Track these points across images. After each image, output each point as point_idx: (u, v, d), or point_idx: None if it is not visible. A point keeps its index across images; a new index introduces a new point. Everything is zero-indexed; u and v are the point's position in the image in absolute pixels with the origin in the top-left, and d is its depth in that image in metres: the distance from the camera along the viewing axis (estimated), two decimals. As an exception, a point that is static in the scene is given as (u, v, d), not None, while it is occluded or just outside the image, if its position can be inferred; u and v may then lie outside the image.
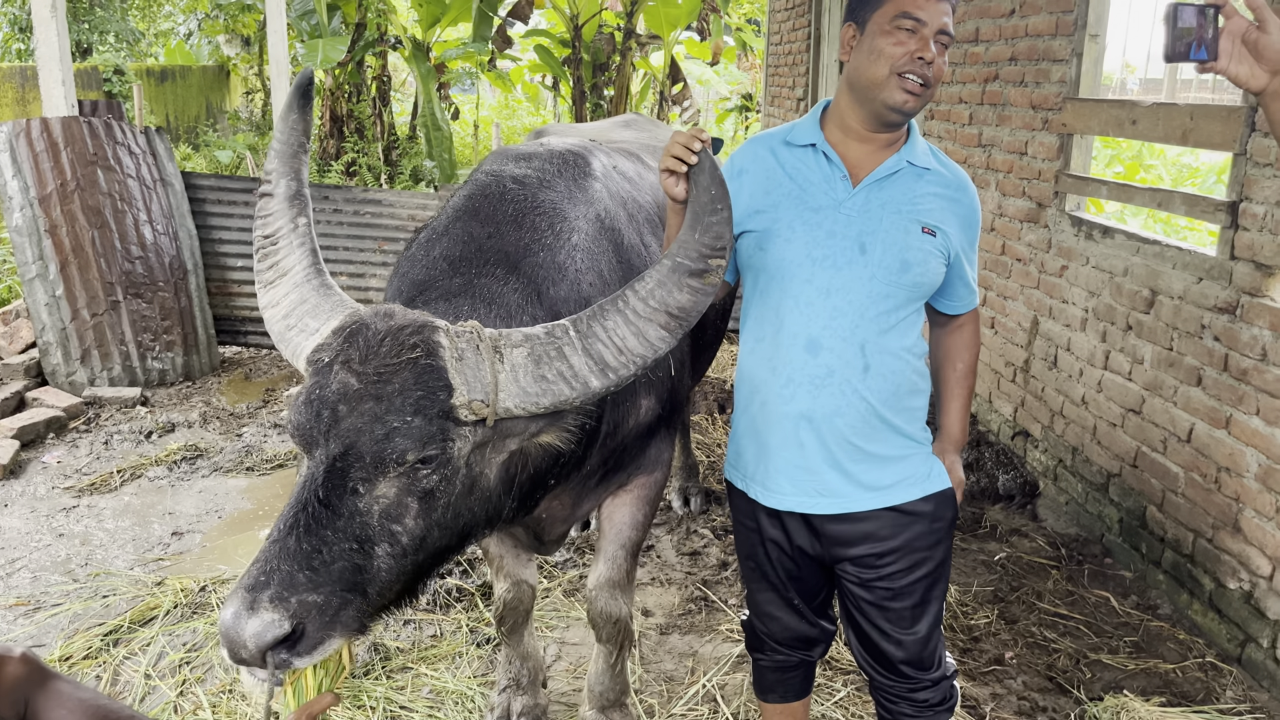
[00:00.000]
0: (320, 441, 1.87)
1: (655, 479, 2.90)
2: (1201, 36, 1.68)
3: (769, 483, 2.32)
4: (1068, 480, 4.79)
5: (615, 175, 2.98)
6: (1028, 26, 5.12)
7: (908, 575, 2.31)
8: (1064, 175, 4.79)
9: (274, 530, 1.82)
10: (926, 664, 2.38)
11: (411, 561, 1.94)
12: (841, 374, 2.20)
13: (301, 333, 2.05)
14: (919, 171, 2.23)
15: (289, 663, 1.76)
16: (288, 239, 2.19)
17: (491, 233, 2.50)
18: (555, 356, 1.96)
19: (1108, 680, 3.53)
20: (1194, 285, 3.82)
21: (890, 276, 2.18)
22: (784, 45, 10.58)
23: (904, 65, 2.08)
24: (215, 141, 15.36)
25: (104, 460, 5.31)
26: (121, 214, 6.33)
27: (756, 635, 2.59)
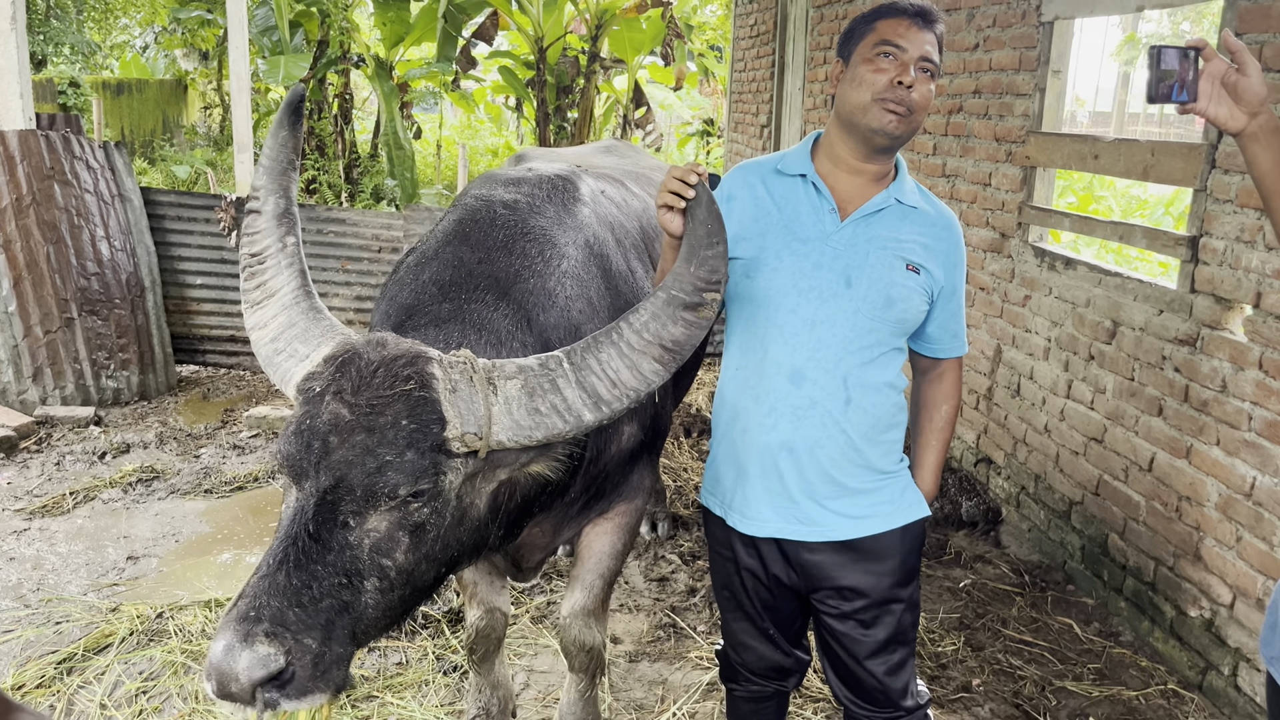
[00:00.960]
0: (310, 473, 1.83)
1: (636, 506, 2.89)
2: (1183, 78, 1.72)
3: (747, 510, 2.32)
4: (1030, 507, 4.85)
5: (603, 200, 2.98)
6: (991, 61, 5.22)
7: (883, 605, 2.32)
8: (1027, 207, 4.87)
9: (263, 564, 1.78)
10: (901, 693, 2.39)
11: (400, 595, 1.91)
12: (824, 405, 2.21)
13: (290, 358, 2.02)
14: (906, 210, 2.25)
15: (277, 702, 1.71)
16: (275, 258, 2.16)
17: (482, 258, 2.49)
18: (549, 389, 1.94)
19: (1073, 708, 3.56)
20: (1155, 317, 3.90)
21: (874, 311, 2.20)
22: (748, 72, 10.68)
23: (884, 91, 2.12)
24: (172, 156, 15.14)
25: (56, 481, 5.17)
26: (78, 229, 6.21)
27: (731, 665, 2.58)
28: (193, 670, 3.55)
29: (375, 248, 7.15)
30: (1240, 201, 3.46)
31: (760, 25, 10.10)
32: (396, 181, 14.22)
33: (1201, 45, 1.74)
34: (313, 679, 1.73)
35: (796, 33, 9.15)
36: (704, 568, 4.50)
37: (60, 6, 16.55)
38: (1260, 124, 1.75)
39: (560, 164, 3.15)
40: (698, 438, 6.12)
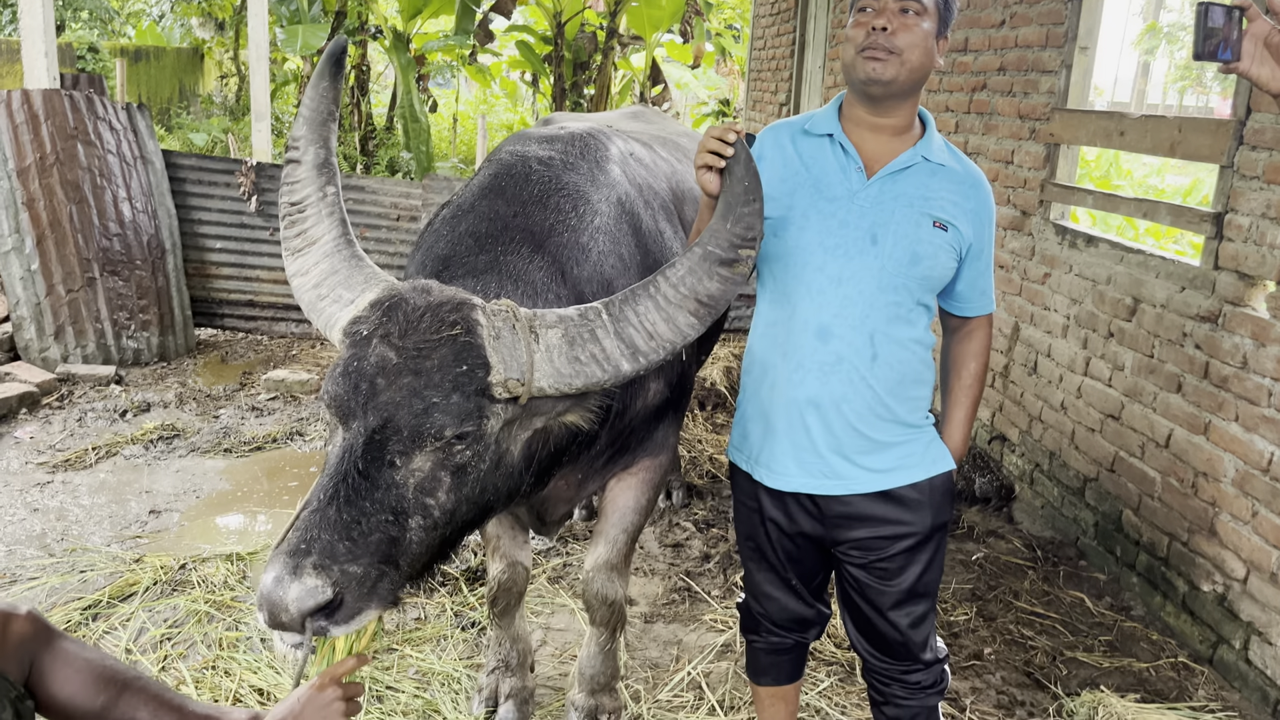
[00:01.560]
0: (358, 414, 1.88)
1: (660, 463, 2.93)
2: (1228, 37, 1.74)
3: (774, 465, 2.35)
4: (1044, 484, 4.87)
5: (632, 161, 3.01)
6: (1018, 38, 5.21)
7: (906, 557, 2.36)
8: (1050, 184, 4.87)
9: (312, 499, 1.83)
10: (921, 646, 2.43)
11: (440, 534, 1.96)
12: (850, 361, 2.24)
13: (335, 303, 2.06)
14: (934, 167, 2.27)
15: (326, 630, 1.77)
16: (316, 207, 2.20)
17: (517, 211, 2.52)
18: (588, 339, 1.99)
19: (1083, 677, 3.59)
20: (1177, 294, 3.91)
21: (900, 268, 2.22)
22: (767, 50, 10.65)
23: (862, 41, 2.15)
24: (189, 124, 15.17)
25: (78, 437, 5.22)
26: (100, 190, 6.24)
27: (752, 616, 2.62)
28: (216, 619, 3.61)
29: (394, 216, 7.17)
30: (1268, 178, 3.46)
31: (782, 3, 10.06)
32: (412, 155, 14.23)
33: (1246, 5, 1.75)
34: (359, 602, 1.78)
35: (818, 10, 9.12)
36: (718, 535, 4.54)
37: (79, -28, 16.57)
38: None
39: (594, 125, 3.18)
40: (712, 411, 6.15)
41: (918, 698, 2.47)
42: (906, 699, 2.48)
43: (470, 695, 3.23)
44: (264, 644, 3.48)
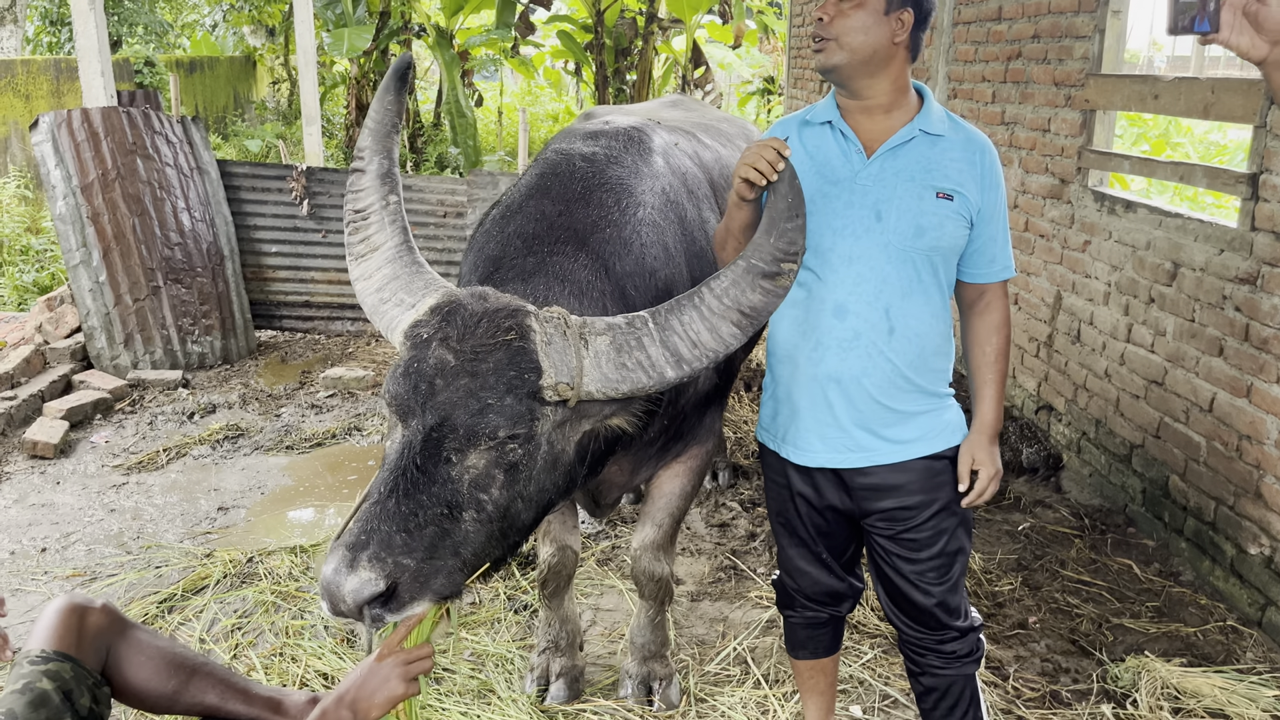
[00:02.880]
0: (417, 412, 2.01)
1: (706, 450, 3.05)
2: (1204, 8, 1.76)
3: (799, 441, 2.44)
4: (1091, 452, 4.86)
5: (676, 152, 3.11)
6: (1050, 4, 5.16)
7: (934, 525, 2.42)
8: (1087, 151, 4.84)
9: (372, 492, 1.96)
10: (953, 613, 2.48)
11: (498, 529, 2.08)
12: (868, 337, 2.32)
13: (397, 306, 2.19)
14: (933, 139, 2.33)
15: (382, 618, 1.90)
16: (379, 215, 2.33)
17: (562, 210, 2.64)
18: (635, 346, 2.10)
19: (1129, 643, 3.61)
20: (1215, 257, 3.88)
21: (905, 241, 2.29)
22: (807, 27, 10.59)
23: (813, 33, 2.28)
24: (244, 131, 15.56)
25: (149, 440, 5.48)
26: (160, 201, 6.50)
27: (787, 592, 2.70)
28: (282, 609, 3.79)
29: (440, 213, 7.33)
30: (1301, 136, 3.42)
31: (818, -22, 10.01)
32: (460, 149, 14.43)
33: None
34: (414, 592, 1.92)
35: (854, -16, 9.06)
36: (764, 514, 4.62)
37: (133, -12, 17.03)
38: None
39: (634, 118, 3.27)
40: (758, 392, 6.22)
41: (954, 666, 2.53)
42: (943, 668, 2.53)
43: (523, 675, 3.36)
44: (327, 630, 3.66)
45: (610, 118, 3.26)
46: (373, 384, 6.38)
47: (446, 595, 1.99)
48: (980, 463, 2.41)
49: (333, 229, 7.29)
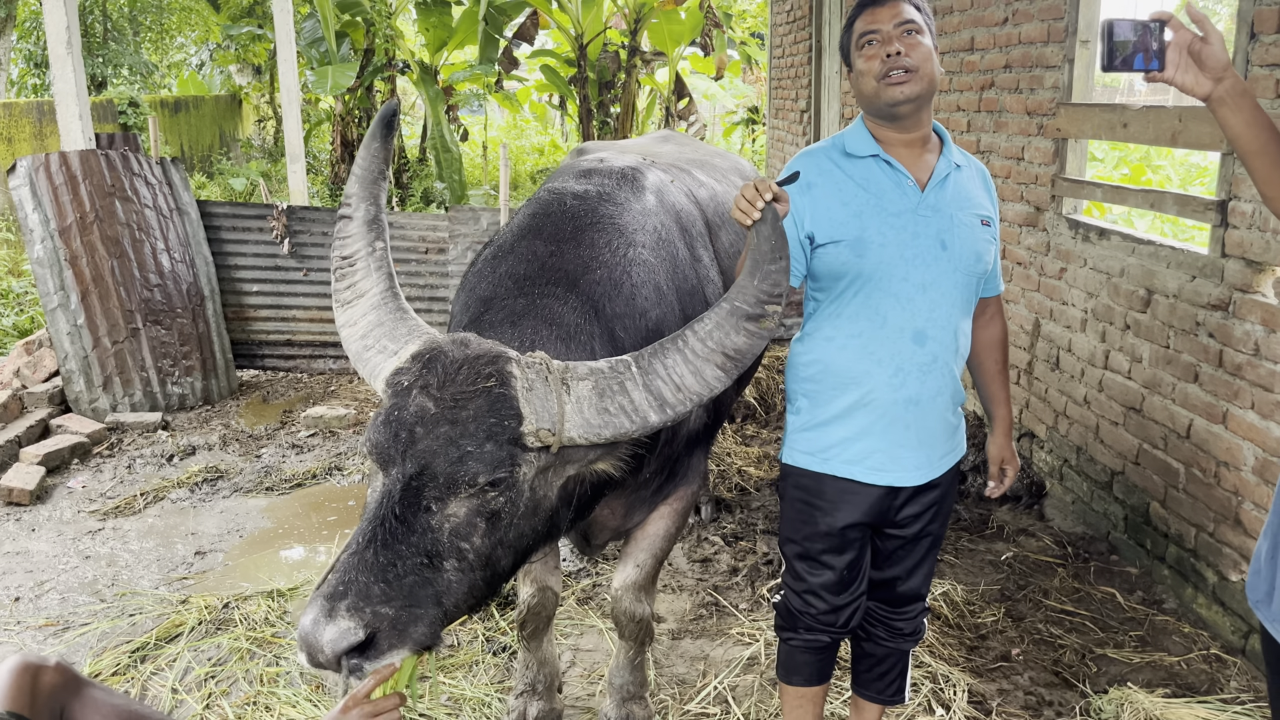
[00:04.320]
0: (397, 460, 1.99)
1: (692, 491, 3.03)
2: (1145, 48, 1.80)
3: (869, 461, 2.51)
4: (1073, 479, 4.85)
5: (670, 189, 3.11)
6: (1020, 34, 5.21)
7: (939, 518, 2.64)
8: (1060, 179, 4.86)
9: (352, 542, 1.94)
10: (923, 594, 2.76)
11: (479, 577, 2.05)
12: (943, 359, 2.46)
13: (380, 354, 2.18)
14: (959, 172, 2.49)
15: (361, 668, 1.87)
16: (365, 262, 2.33)
17: (553, 250, 2.63)
18: (617, 390, 2.08)
19: (1113, 674, 3.58)
20: (1188, 283, 3.89)
21: (969, 267, 2.45)
22: (786, 58, 10.69)
23: (880, 70, 2.32)
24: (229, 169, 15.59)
25: (127, 484, 5.43)
26: (139, 243, 6.48)
27: (792, 614, 2.72)
28: (258, 655, 3.74)
29: (422, 249, 7.34)
30: (1266, 163, 3.44)
31: (797, 10, 10.10)
32: (445, 184, 14.48)
33: (1167, 18, 1.81)
34: (393, 642, 1.88)
35: (832, 16, 9.15)
36: (746, 548, 4.59)
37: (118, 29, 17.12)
38: (1226, 89, 1.82)
39: (629, 156, 3.27)
40: (742, 423, 6.21)
41: (896, 641, 2.79)
42: (886, 640, 2.79)
43: (500, 717, 3.31)
44: (303, 678, 3.60)
45: (604, 155, 3.25)
46: (354, 422, 6.34)
47: (426, 645, 1.95)
48: (1008, 460, 2.79)
49: (314, 267, 7.28)
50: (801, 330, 2.62)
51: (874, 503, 2.55)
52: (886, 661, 2.84)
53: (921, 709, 3.38)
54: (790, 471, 2.65)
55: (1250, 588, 1.96)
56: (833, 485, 2.56)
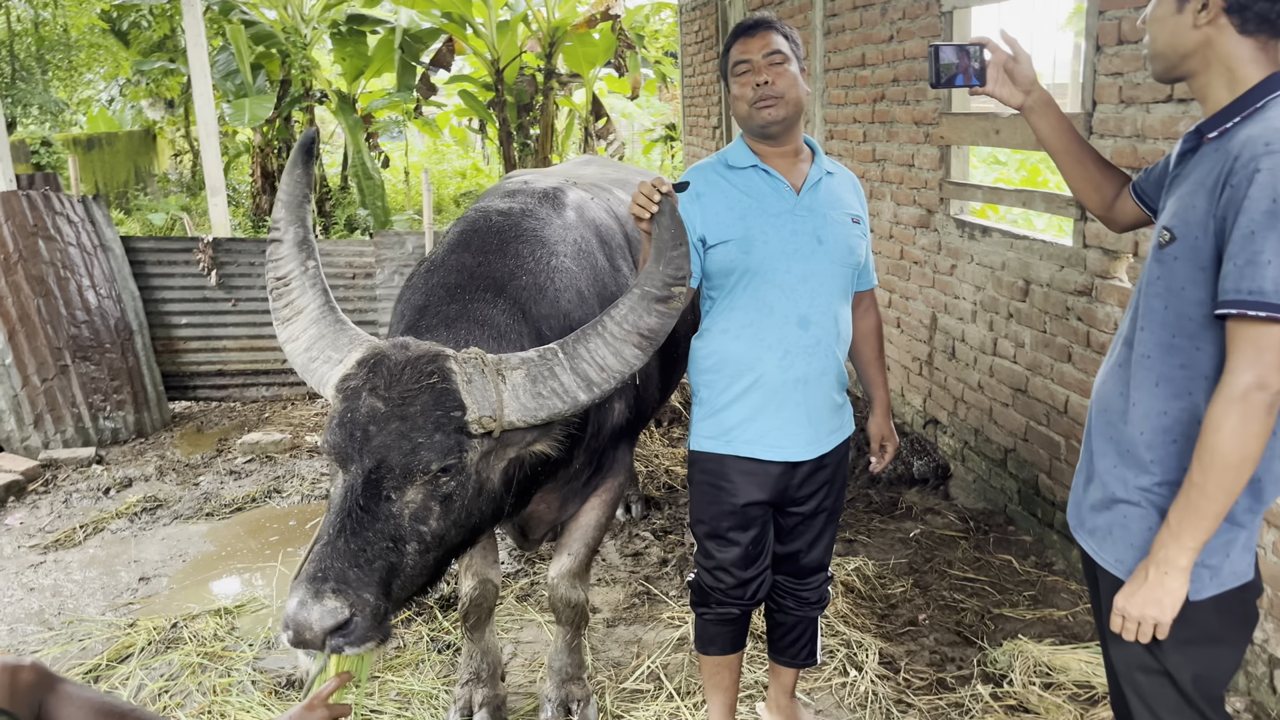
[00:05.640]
0: (355, 457, 2.22)
1: (619, 483, 3.29)
2: (966, 68, 2.17)
3: (765, 439, 2.77)
4: (973, 460, 5.23)
5: (590, 205, 3.39)
6: (905, 50, 5.61)
7: (834, 494, 2.92)
8: (946, 183, 5.26)
9: (322, 534, 2.16)
10: (825, 564, 3.01)
11: (434, 557, 2.30)
12: (825, 342, 2.75)
13: (326, 363, 2.40)
14: (831, 178, 2.81)
15: (342, 648, 2.08)
16: (300, 280, 2.54)
17: (481, 262, 2.88)
18: (548, 375, 2.34)
19: (1009, 630, 3.93)
20: (1058, 273, 4.29)
21: (843, 259, 2.76)
22: (696, 77, 11.07)
23: (752, 96, 2.63)
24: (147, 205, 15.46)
25: (65, 518, 5.50)
26: (65, 281, 6.54)
27: (705, 591, 2.98)
28: (209, 669, 3.89)
29: (350, 274, 7.49)
30: (1115, 162, 3.84)
31: (704, 30, 10.49)
32: (369, 211, 14.56)
33: (986, 42, 2.19)
34: (370, 628, 2.11)
35: (737, 35, 9.53)
36: (675, 541, 4.86)
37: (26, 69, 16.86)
38: (1034, 99, 2.24)
39: (553, 178, 3.55)
40: (668, 426, 6.49)
41: (803, 609, 3.07)
42: (795, 609, 3.07)
43: (446, 707, 3.53)
44: (255, 685, 3.77)
45: (528, 178, 3.52)
46: (290, 446, 6.47)
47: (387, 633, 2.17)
48: (888, 437, 3.11)
49: (243, 297, 7.39)
50: (700, 328, 2.91)
51: (773, 480, 2.81)
52: (797, 629, 3.13)
53: (837, 672, 3.68)
54: (697, 457, 2.91)
55: (1070, 516, 2.31)
56: (735, 465, 2.82)
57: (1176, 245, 1.98)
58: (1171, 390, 2.02)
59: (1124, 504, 2.12)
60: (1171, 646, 2.05)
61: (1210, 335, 1.95)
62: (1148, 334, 2.06)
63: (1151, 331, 2.05)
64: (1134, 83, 3.69)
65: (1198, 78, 2.01)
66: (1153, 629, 2.01)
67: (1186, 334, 1.99)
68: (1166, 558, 1.96)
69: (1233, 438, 1.84)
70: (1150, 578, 1.98)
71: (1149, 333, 2.06)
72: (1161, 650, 2.06)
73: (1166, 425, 2.04)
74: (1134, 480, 2.10)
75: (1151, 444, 2.06)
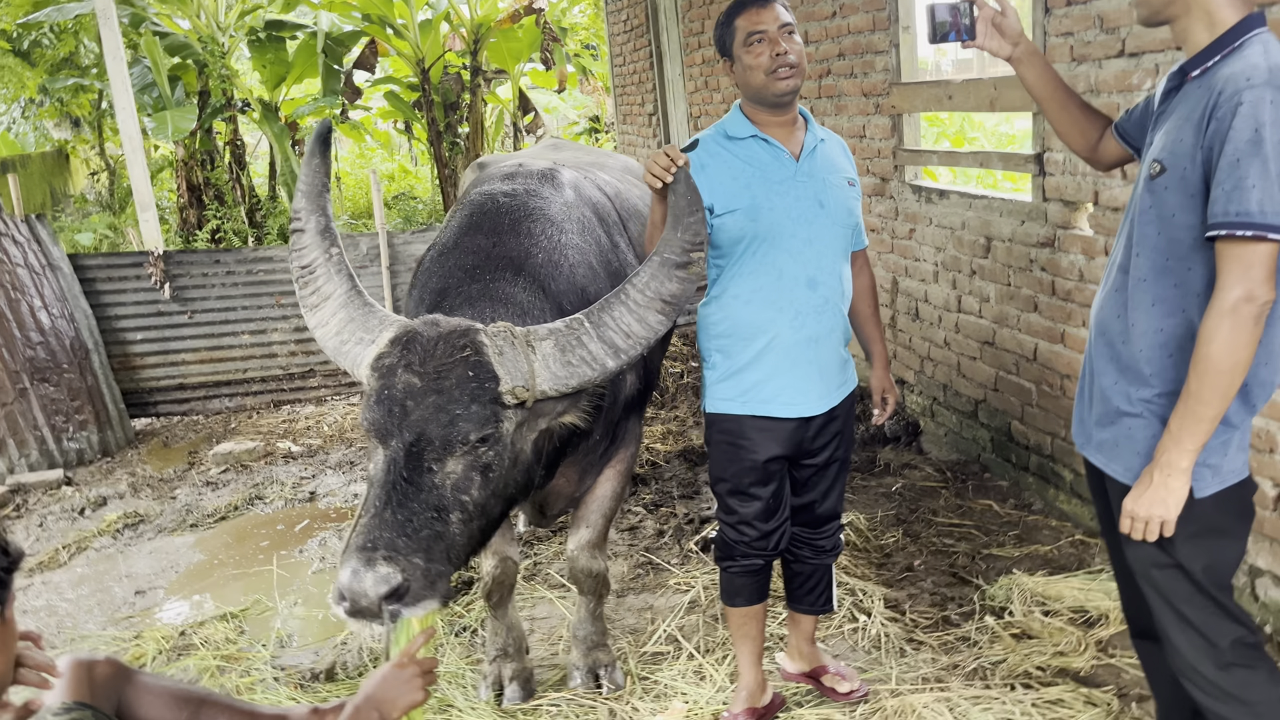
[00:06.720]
0: (395, 432, 2.29)
1: (631, 453, 3.41)
2: (958, 24, 2.43)
3: (781, 397, 2.90)
4: (943, 414, 5.46)
5: (584, 184, 3.50)
6: (849, 25, 5.81)
7: (844, 444, 3.07)
8: (900, 150, 5.47)
9: (368, 507, 2.23)
10: (839, 511, 3.16)
11: (477, 526, 2.38)
12: (832, 301, 2.90)
13: (358, 344, 2.46)
14: (825, 144, 2.94)
15: (399, 613, 2.15)
16: (324, 267, 2.59)
17: (495, 242, 2.97)
18: (576, 345, 2.43)
19: (1000, 567, 4.15)
20: (1019, 227, 4.52)
21: (843, 220, 2.91)
22: (627, 66, 11.18)
23: (769, 65, 2.76)
24: (70, 226, 15.01)
25: (44, 540, 5.40)
26: (16, 303, 6.40)
27: (728, 545, 3.10)
28: (228, 670, 3.90)
29: (305, 279, 7.44)
30: (1070, 118, 4.07)
31: (633, 19, 10.61)
32: (301, 219, 14.35)
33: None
34: (425, 589, 2.18)
35: (669, 22, 9.68)
36: (667, 512, 4.99)
37: (-75, 93, 16.21)
38: (1021, 50, 2.49)
39: (544, 160, 3.63)
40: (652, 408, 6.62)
41: (819, 557, 3.21)
42: (812, 558, 3.21)
43: (476, 685, 3.60)
44: (278, 682, 3.80)
45: (521, 160, 3.59)
46: (264, 454, 6.43)
47: (445, 593, 2.26)
48: (888, 390, 3.25)
49: (198, 309, 7.30)
50: (707, 295, 3.03)
51: (789, 435, 2.96)
52: (814, 577, 3.28)
53: (846, 619, 3.85)
54: (715, 419, 3.04)
55: (1075, 435, 2.51)
56: (752, 424, 2.96)
57: (1166, 176, 2.17)
58: (1166, 309, 2.22)
59: (1128, 416, 2.31)
60: (1181, 541, 2.24)
61: (1200, 256, 2.15)
62: (1143, 259, 2.25)
63: (1146, 256, 2.24)
64: (1085, 41, 3.92)
65: (1179, 21, 2.20)
66: (1159, 527, 2.20)
67: (1178, 256, 2.18)
68: (1169, 461, 2.15)
69: (1225, 347, 2.05)
70: (1155, 480, 2.18)
71: (1144, 258, 2.25)
72: (1173, 546, 2.25)
73: (1163, 341, 2.23)
74: (1135, 394, 2.29)
75: (1150, 359, 2.25)
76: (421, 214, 15.91)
